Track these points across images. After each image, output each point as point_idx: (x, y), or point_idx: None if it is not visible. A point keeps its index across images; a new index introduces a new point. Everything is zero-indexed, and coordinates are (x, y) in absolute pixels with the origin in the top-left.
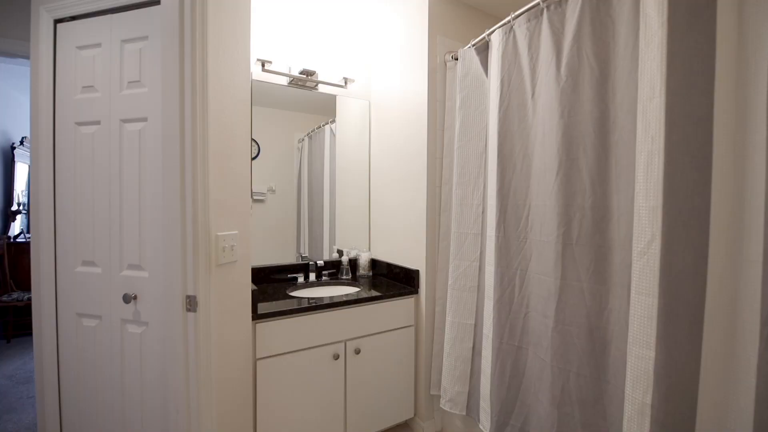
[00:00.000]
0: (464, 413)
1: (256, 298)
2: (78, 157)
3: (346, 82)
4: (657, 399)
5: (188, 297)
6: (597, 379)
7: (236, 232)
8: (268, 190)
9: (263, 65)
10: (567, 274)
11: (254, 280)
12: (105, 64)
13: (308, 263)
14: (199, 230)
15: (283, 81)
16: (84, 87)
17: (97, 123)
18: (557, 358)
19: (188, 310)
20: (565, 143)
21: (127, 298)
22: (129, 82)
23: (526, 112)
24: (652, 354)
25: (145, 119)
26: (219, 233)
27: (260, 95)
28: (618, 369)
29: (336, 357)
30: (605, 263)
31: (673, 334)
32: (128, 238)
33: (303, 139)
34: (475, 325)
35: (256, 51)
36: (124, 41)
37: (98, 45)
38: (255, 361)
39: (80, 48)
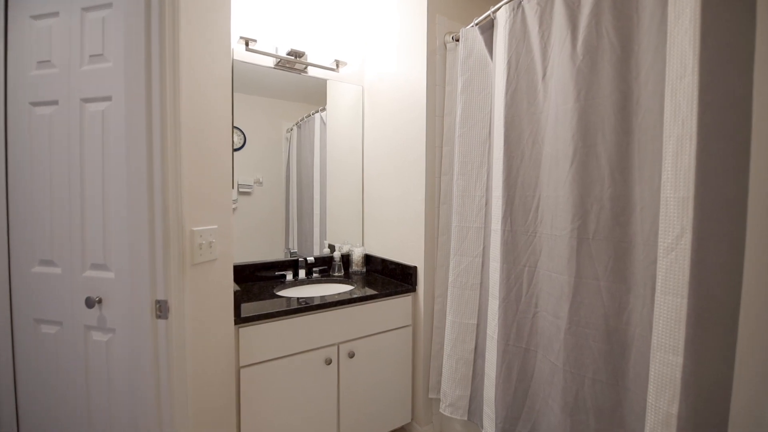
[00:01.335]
0: (465, 418)
1: (239, 300)
2: (33, 141)
3: (337, 65)
4: (684, 409)
5: (158, 302)
6: (615, 386)
7: (215, 226)
8: (254, 182)
9: (247, 44)
10: (582, 271)
11: (238, 279)
12: (63, 36)
13: (297, 259)
14: (171, 225)
15: (270, 62)
16: (39, 62)
17: (55, 103)
18: (570, 362)
19: (158, 316)
20: (581, 128)
21: (91, 302)
22: (91, 56)
23: (536, 96)
24: (679, 360)
25: (109, 98)
26: (195, 228)
27: (244, 80)
28: (639, 375)
29: (328, 362)
30: (626, 260)
31: (703, 338)
32: (91, 234)
33: (292, 129)
34: (478, 325)
35: (239, 28)
36: (85, 9)
37: (55, 14)
38: (238, 369)
39: (35, 17)
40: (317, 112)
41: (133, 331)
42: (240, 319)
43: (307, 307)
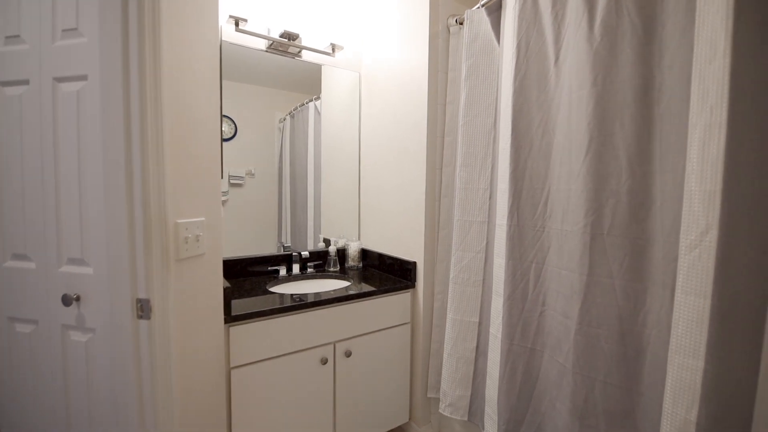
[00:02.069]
0: (465, 419)
1: (230, 297)
2: (2, 125)
3: (333, 49)
4: (704, 417)
5: (139, 301)
6: (628, 390)
7: (202, 218)
8: (246, 174)
9: (237, 24)
10: (595, 269)
11: (229, 274)
12: (33, 8)
13: (291, 254)
14: (152, 216)
15: (261, 45)
16: (8, 37)
17: (25, 83)
18: (580, 364)
19: (140, 317)
20: (597, 116)
21: (68, 300)
22: (64, 31)
23: (548, 81)
24: (700, 364)
25: (84, 77)
26: (179, 220)
27: (235, 64)
28: (655, 379)
29: (324, 361)
30: (643, 257)
31: (727, 341)
32: (68, 226)
33: (284, 119)
34: (480, 324)
35: (229, 6)
36: None
37: None
38: (229, 370)
39: None
40: (311, 101)
41: (114, 332)
42: (230, 318)
43: (301, 304)
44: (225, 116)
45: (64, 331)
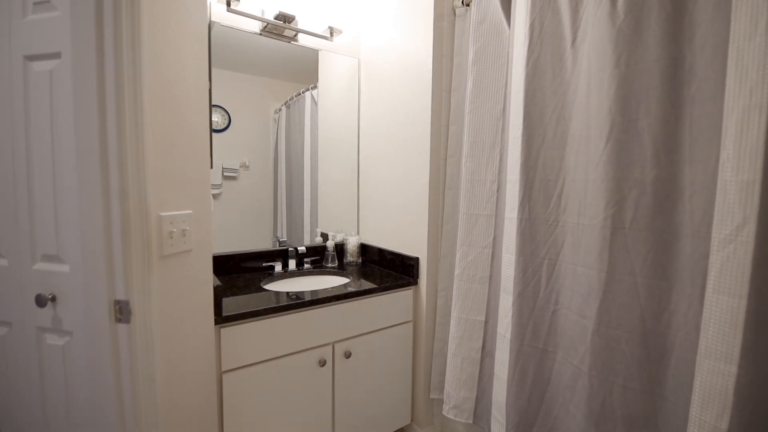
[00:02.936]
0: (471, 422)
1: (221, 296)
2: None
3: (331, 33)
4: (736, 425)
5: (117, 303)
6: (650, 394)
7: (189, 211)
8: (240, 166)
9: (228, 3)
10: (616, 265)
11: (221, 271)
12: None
13: (287, 249)
14: (131, 209)
15: (255, 27)
16: None
17: None
18: (598, 367)
19: (118, 320)
20: (619, 100)
21: (42, 300)
22: (35, 4)
23: (563, 64)
24: (732, 369)
25: (57, 55)
26: (163, 213)
27: (227, 49)
28: (680, 384)
29: (322, 363)
30: (669, 253)
31: (763, 345)
32: (41, 220)
33: (280, 109)
34: (486, 322)
35: None
36: None
37: None
38: (220, 375)
39: None
40: (308, 90)
41: (93, 336)
42: (221, 319)
43: (298, 303)
44: (218, 106)
45: (40, 334)
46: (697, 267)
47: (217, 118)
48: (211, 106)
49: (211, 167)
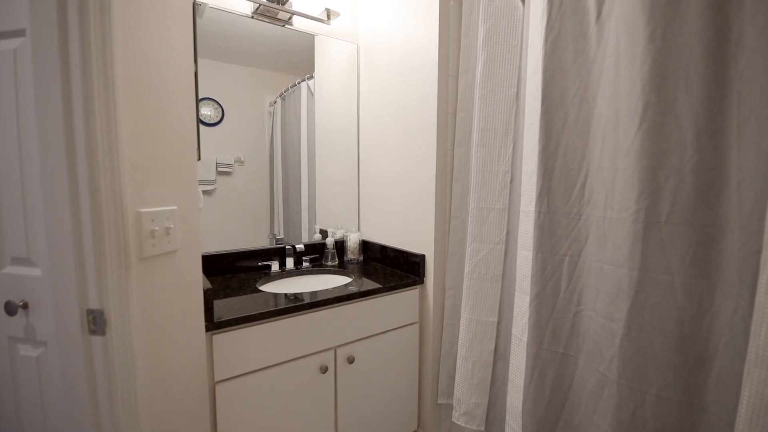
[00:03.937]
0: (482, 429)
1: (212, 299)
2: None
3: (328, 16)
4: None
5: (91, 312)
6: (688, 405)
7: (174, 207)
8: (235, 161)
9: None
10: (650, 263)
11: (214, 271)
12: None
13: (284, 247)
14: (103, 204)
15: (246, 9)
16: None
17: None
18: (628, 375)
19: (92, 332)
20: (655, 78)
21: (12, 308)
22: None
23: (587, 42)
24: None
25: (22, 33)
26: (142, 210)
27: (217, 37)
28: (723, 395)
29: (324, 370)
30: (713, 249)
31: None
32: (9, 218)
33: (275, 102)
34: (499, 324)
35: None
36: None
37: None
38: (213, 385)
39: None
40: (303, 80)
41: (66, 349)
42: (213, 325)
43: (297, 305)
44: (211, 99)
45: (12, 344)
46: (746, 264)
47: (210, 112)
48: (197, 90)
49: (199, 159)
